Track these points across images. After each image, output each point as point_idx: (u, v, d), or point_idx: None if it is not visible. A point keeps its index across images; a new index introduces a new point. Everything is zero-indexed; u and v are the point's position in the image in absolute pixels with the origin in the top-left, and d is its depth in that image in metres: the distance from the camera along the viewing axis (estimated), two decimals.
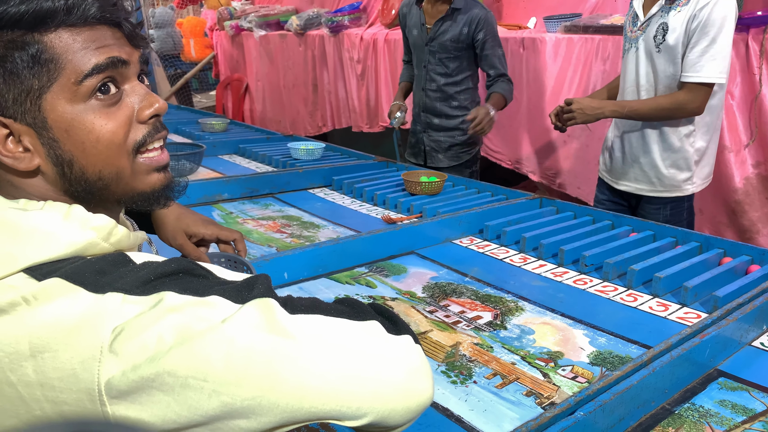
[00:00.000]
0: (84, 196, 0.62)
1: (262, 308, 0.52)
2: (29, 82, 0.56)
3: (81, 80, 0.57)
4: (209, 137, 2.86)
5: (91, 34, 0.58)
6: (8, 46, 0.55)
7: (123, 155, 0.61)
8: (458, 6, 2.35)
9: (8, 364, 0.51)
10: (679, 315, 1.15)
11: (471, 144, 2.54)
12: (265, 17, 4.49)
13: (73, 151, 0.59)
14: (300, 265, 1.34)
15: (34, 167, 0.59)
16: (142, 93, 0.62)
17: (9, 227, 0.55)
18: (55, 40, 0.56)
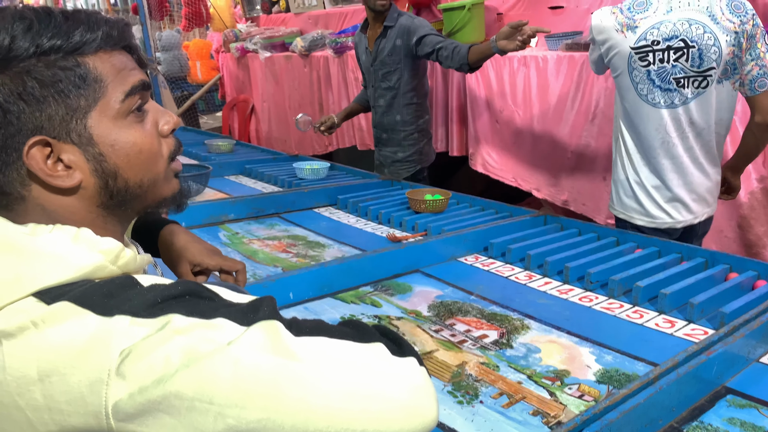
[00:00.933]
0: (116, 209, 0.66)
1: (268, 330, 0.52)
2: (77, 101, 0.60)
3: (123, 99, 0.63)
4: (216, 158, 2.88)
5: (120, 59, 0.64)
6: (59, 67, 0.59)
7: (161, 162, 0.68)
8: (390, 23, 2.56)
9: (16, 388, 0.52)
10: (685, 332, 1.15)
11: (411, 161, 2.71)
12: (271, 39, 4.55)
13: (118, 164, 0.63)
14: (305, 285, 1.35)
15: (75, 184, 0.62)
16: (159, 110, 0.69)
17: (18, 251, 0.56)
18: (96, 63, 0.61)
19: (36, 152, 0.59)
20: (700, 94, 1.73)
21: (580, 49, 2.49)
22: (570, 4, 2.71)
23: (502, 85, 2.83)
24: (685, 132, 1.77)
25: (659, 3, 1.73)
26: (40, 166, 0.60)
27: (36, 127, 0.59)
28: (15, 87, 0.57)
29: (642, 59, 1.76)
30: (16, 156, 0.59)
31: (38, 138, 0.59)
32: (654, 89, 1.77)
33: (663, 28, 1.71)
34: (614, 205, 1.98)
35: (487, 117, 2.95)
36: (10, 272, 0.55)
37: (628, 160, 1.89)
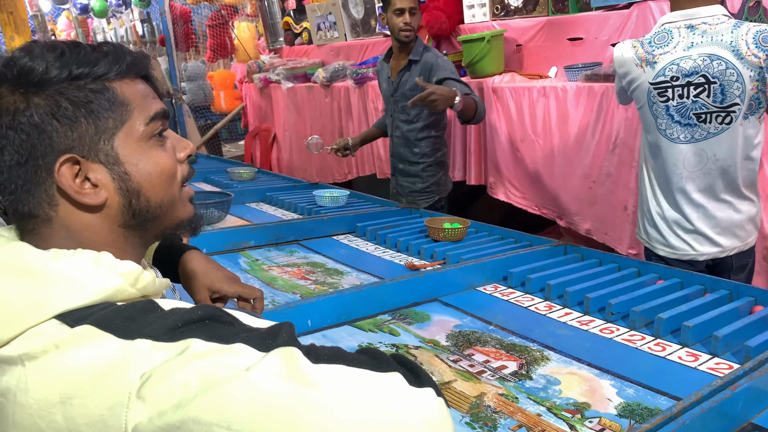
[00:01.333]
0: (136, 229, 0.68)
1: (286, 357, 0.53)
2: (105, 122, 0.63)
3: (148, 122, 0.67)
4: (237, 186, 2.92)
5: (142, 87, 0.68)
6: (89, 90, 0.62)
7: (176, 185, 0.71)
8: (415, 58, 2.57)
9: (38, 411, 0.53)
10: (709, 365, 1.13)
11: (429, 192, 2.69)
12: (293, 70, 4.64)
13: (141, 183, 0.66)
14: (323, 313, 1.35)
15: (101, 201, 0.64)
16: (176, 137, 0.72)
17: (41, 275, 0.58)
18: (123, 88, 0.65)
19: (66, 170, 0.62)
20: (725, 130, 1.71)
21: (600, 80, 2.50)
22: (589, 35, 2.73)
23: (522, 114, 2.84)
24: (708, 167, 1.75)
25: (680, 38, 1.72)
26: (70, 183, 0.62)
27: (67, 146, 0.62)
28: (49, 107, 0.61)
29: (661, 95, 1.76)
30: (46, 175, 0.62)
31: (69, 156, 0.62)
32: (673, 125, 1.76)
33: (683, 64, 1.71)
34: (641, 233, 1.97)
35: (508, 146, 2.96)
36: (33, 296, 0.56)
37: (651, 192, 1.89)
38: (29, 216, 0.63)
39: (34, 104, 0.60)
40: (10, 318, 0.55)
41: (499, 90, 2.93)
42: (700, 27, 1.70)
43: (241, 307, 1.05)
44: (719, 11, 1.70)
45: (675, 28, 1.74)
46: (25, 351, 0.54)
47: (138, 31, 7.68)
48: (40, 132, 0.60)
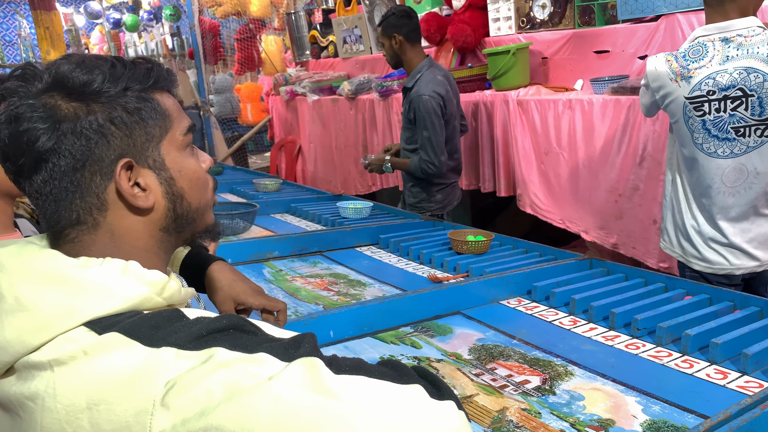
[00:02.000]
0: (173, 233, 0.71)
1: (308, 367, 0.53)
2: (153, 129, 0.67)
3: (186, 132, 0.71)
4: (263, 197, 2.96)
5: (173, 100, 0.72)
6: (139, 98, 0.66)
7: (210, 191, 0.76)
8: (407, 85, 2.67)
9: (65, 416, 0.54)
10: (738, 384, 1.10)
11: (417, 207, 2.76)
12: (319, 83, 4.69)
13: (184, 187, 0.70)
14: (346, 324, 1.35)
15: (150, 204, 0.67)
16: (200, 150, 0.76)
17: (71, 283, 0.59)
18: (162, 98, 0.69)
19: (123, 174, 0.65)
20: (764, 143, 1.68)
21: (626, 93, 2.48)
22: (616, 48, 2.71)
23: (547, 128, 2.83)
24: (750, 181, 1.72)
25: (715, 51, 1.69)
26: (126, 187, 0.65)
27: (123, 151, 0.65)
28: (108, 114, 0.64)
29: (697, 109, 1.73)
30: (101, 180, 0.64)
31: (126, 160, 0.65)
32: (710, 139, 1.73)
33: (719, 78, 1.68)
34: (672, 248, 1.93)
35: (533, 158, 2.94)
36: (62, 303, 0.58)
37: (686, 204, 1.85)
38: (75, 223, 0.65)
39: (94, 111, 0.63)
40: (41, 324, 0.57)
41: (524, 102, 2.92)
42: (735, 40, 1.67)
43: (265, 319, 1.06)
44: (754, 23, 1.67)
45: (709, 41, 1.72)
46: (54, 357, 0.56)
47: (168, 44, 7.86)
48: (100, 137, 0.63)
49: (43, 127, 0.61)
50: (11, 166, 0.64)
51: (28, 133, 0.60)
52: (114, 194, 0.65)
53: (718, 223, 1.78)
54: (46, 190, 0.63)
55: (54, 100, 0.62)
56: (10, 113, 0.61)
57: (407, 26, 2.60)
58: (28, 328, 0.57)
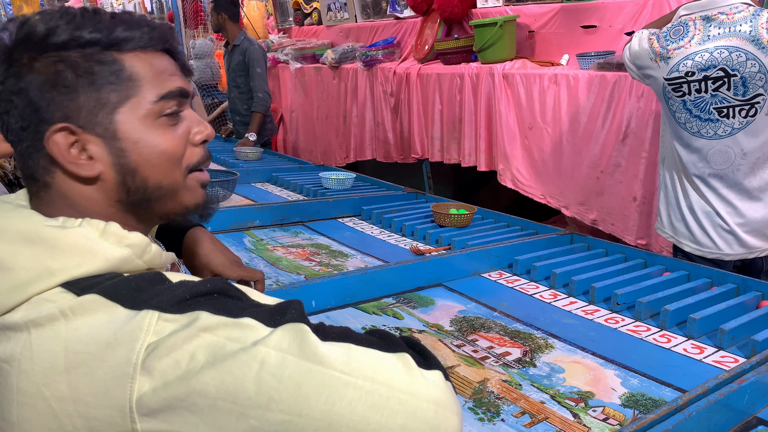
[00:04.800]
0: (134, 207, 0.66)
1: (295, 333, 0.52)
2: (107, 96, 0.61)
3: (156, 101, 0.63)
4: (243, 165, 2.91)
5: (160, 61, 0.64)
6: (95, 60, 0.60)
7: (179, 170, 0.67)
8: (236, 43, 3.87)
9: (42, 378, 0.52)
10: (715, 359, 1.12)
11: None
12: (302, 50, 4.60)
13: (138, 162, 0.63)
14: (328, 294, 1.34)
15: (95, 174, 0.62)
16: (195, 119, 0.68)
17: (47, 244, 0.57)
18: (133, 60, 0.62)
19: (60, 138, 0.60)
20: (749, 123, 1.65)
21: (612, 69, 2.47)
22: (603, 23, 2.69)
23: (532, 102, 2.82)
24: (737, 164, 1.69)
25: (696, 30, 1.67)
26: (62, 152, 0.60)
27: (64, 115, 0.60)
28: (50, 75, 0.59)
29: (676, 90, 1.71)
30: (42, 141, 0.61)
31: (62, 125, 0.60)
32: (692, 119, 1.71)
33: (698, 59, 1.66)
34: (663, 228, 1.91)
35: (517, 133, 2.94)
36: (39, 263, 0.56)
37: (680, 183, 1.83)
38: (32, 179, 0.63)
39: (35, 70, 0.59)
40: (16, 284, 0.55)
41: (510, 76, 2.90)
42: (717, 18, 1.65)
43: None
44: (738, 0, 1.66)
45: (690, 20, 1.70)
46: (31, 318, 0.54)
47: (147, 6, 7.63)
48: (39, 99, 0.59)
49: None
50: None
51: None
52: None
53: (711, 202, 1.76)
54: (10, 140, 0.62)
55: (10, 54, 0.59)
56: None
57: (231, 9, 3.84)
58: (2, 288, 0.55)
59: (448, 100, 3.26)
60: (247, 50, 3.81)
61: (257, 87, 3.81)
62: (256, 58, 3.81)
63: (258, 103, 3.80)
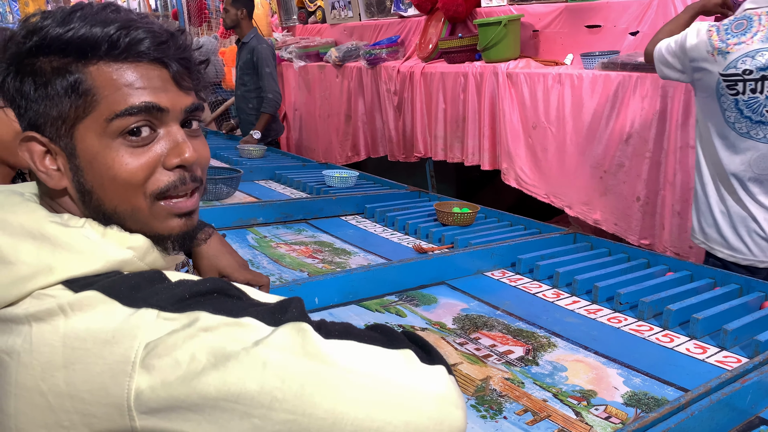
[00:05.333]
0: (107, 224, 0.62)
1: (296, 332, 0.52)
2: (66, 110, 0.58)
3: (112, 119, 0.57)
4: (247, 163, 2.91)
5: (135, 72, 0.58)
6: (53, 71, 0.57)
7: (139, 196, 0.60)
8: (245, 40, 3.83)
9: (41, 373, 0.53)
10: (717, 358, 1.12)
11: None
12: (306, 49, 4.60)
13: (93, 183, 0.59)
14: (331, 291, 1.35)
15: (62, 187, 0.61)
16: (176, 140, 0.61)
17: (50, 241, 0.57)
18: (95, 73, 0.57)
19: (33, 146, 0.60)
20: None
21: (616, 69, 2.47)
22: (608, 23, 2.69)
23: (536, 101, 2.81)
24: None
25: (760, 26, 1.56)
26: (32, 160, 0.60)
27: (33, 124, 0.59)
28: (19, 83, 0.58)
29: (730, 87, 1.61)
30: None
31: (30, 134, 0.59)
32: (742, 119, 1.62)
33: (759, 57, 1.55)
34: (695, 234, 1.83)
35: (521, 132, 2.94)
36: (40, 259, 0.56)
37: (715, 186, 1.74)
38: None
39: (13, 76, 0.59)
40: (16, 278, 0.55)
41: (514, 75, 2.90)
42: None
43: None
44: None
45: (756, 15, 1.58)
46: (31, 312, 0.54)
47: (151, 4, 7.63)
48: (17, 104, 0.60)
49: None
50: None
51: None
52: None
53: (748, 207, 1.67)
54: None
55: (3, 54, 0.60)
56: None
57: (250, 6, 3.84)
58: (4, 281, 0.55)
59: (451, 99, 3.26)
60: (255, 49, 3.77)
61: (267, 87, 3.77)
62: (265, 58, 3.76)
63: (267, 104, 3.77)
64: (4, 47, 0.58)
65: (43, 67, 0.57)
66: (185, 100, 0.62)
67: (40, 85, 0.57)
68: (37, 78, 0.57)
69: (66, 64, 0.57)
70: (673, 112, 2.27)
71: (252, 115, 3.93)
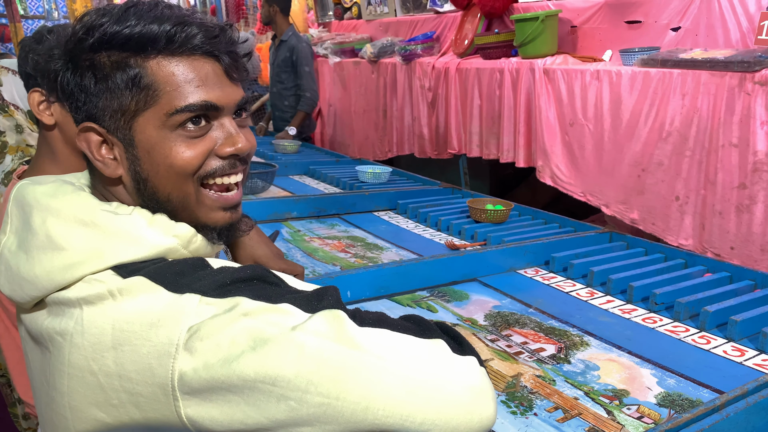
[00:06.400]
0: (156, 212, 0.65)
1: (332, 319, 0.54)
2: (126, 103, 0.60)
3: (172, 113, 0.60)
4: (281, 158, 2.95)
5: (191, 67, 0.61)
6: (113, 66, 0.60)
7: (190, 183, 0.64)
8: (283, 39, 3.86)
9: (91, 353, 0.55)
10: (756, 361, 1.09)
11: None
12: (341, 44, 4.62)
13: (149, 171, 0.62)
14: (363, 285, 1.36)
15: (117, 176, 0.64)
16: (229, 131, 0.64)
17: (100, 228, 0.60)
18: (155, 68, 0.60)
19: (91, 137, 0.63)
20: None
21: (656, 66, 2.41)
22: (649, 18, 2.63)
23: (573, 98, 2.77)
24: None
25: None
26: (89, 149, 0.63)
27: (91, 115, 0.62)
28: (79, 78, 0.61)
29: None
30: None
31: (88, 125, 0.62)
32: None
33: None
34: None
35: (557, 129, 2.90)
36: (92, 246, 0.59)
37: None
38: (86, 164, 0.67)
39: (72, 70, 0.61)
40: (70, 264, 0.58)
41: (551, 72, 2.86)
42: None
43: None
44: None
45: None
46: (83, 296, 0.57)
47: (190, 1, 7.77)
48: (75, 97, 0.62)
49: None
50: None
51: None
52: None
53: None
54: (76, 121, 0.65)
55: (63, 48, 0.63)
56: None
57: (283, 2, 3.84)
58: (57, 266, 0.58)
59: (487, 96, 3.24)
60: (295, 48, 3.81)
61: (306, 86, 3.82)
62: (304, 57, 3.81)
63: (305, 103, 3.83)
64: (64, 44, 0.61)
65: (102, 62, 0.60)
66: (237, 94, 0.65)
67: (100, 79, 0.60)
68: (98, 72, 0.60)
69: (125, 58, 0.60)
70: (715, 110, 2.21)
71: (287, 113, 3.97)
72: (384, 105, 4.24)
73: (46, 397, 0.61)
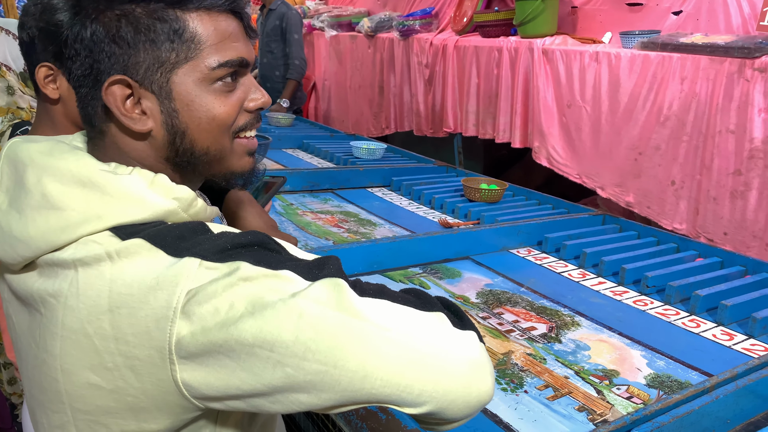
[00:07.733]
0: (181, 167, 0.65)
1: (332, 287, 0.53)
2: (166, 54, 0.60)
3: (215, 68, 0.61)
4: (275, 131, 2.92)
5: (225, 24, 0.62)
6: (153, 17, 0.59)
7: (226, 135, 0.66)
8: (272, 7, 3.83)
9: (87, 316, 0.54)
10: (744, 346, 1.10)
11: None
12: (338, 18, 4.56)
13: (189, 124, 0.63)
14: (356, 260, 1.35)
15: (146, 130, 0.62)
16: (252, 86, 0.67)
17: (98, 188, 0.58)
18: (196, 21, 0.60)
19: (116, 90, 0.61)
20: None
21: (656, 49, 2.40)
22: (650, 1, 2.60)
23: (571, 79, 2.75)
24: None
25: None
26: (117, 104, 0.61)
27: (123, 68, 0.60)
28: (111, 29, 0.59)
29: None
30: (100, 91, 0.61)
31: (119, 77, 0.60)
32: None
33: None
34: None
35: (554, 110, 2.88)
36: (89, 206, 0.57)
37: None
38: (90, 125, 0.64)
39: (99, 22, 0.59)
40: (66, 224, 0.56)
41: (550, 52, 2.83)
42: None
43: None
44: None
45: None
46: (78, 257, 0.55)
47: None
48: (100, 50, 0.60)
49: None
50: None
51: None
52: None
53: None
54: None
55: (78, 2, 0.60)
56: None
57: None
58: (53, 227, 0.56)
59: (485, 74, 3.21)
60: (284, 15, 3.79)
61: (294, 54, 3.79)
62: (294, 24, 3.78)
63: (294, 70, 3.80)
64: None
65: (138, 13, 0.59)
66: (253, 51, 0.67)
67: (141, 31, 0.59)
68: (139, 25, 0.59)
69: (165, 10, 0.59)
70: (713, 96, 2.20)
71: (279, 83, 3.92)
72: (380, 81, 4.20)
73: (34, 360, 0.60)
